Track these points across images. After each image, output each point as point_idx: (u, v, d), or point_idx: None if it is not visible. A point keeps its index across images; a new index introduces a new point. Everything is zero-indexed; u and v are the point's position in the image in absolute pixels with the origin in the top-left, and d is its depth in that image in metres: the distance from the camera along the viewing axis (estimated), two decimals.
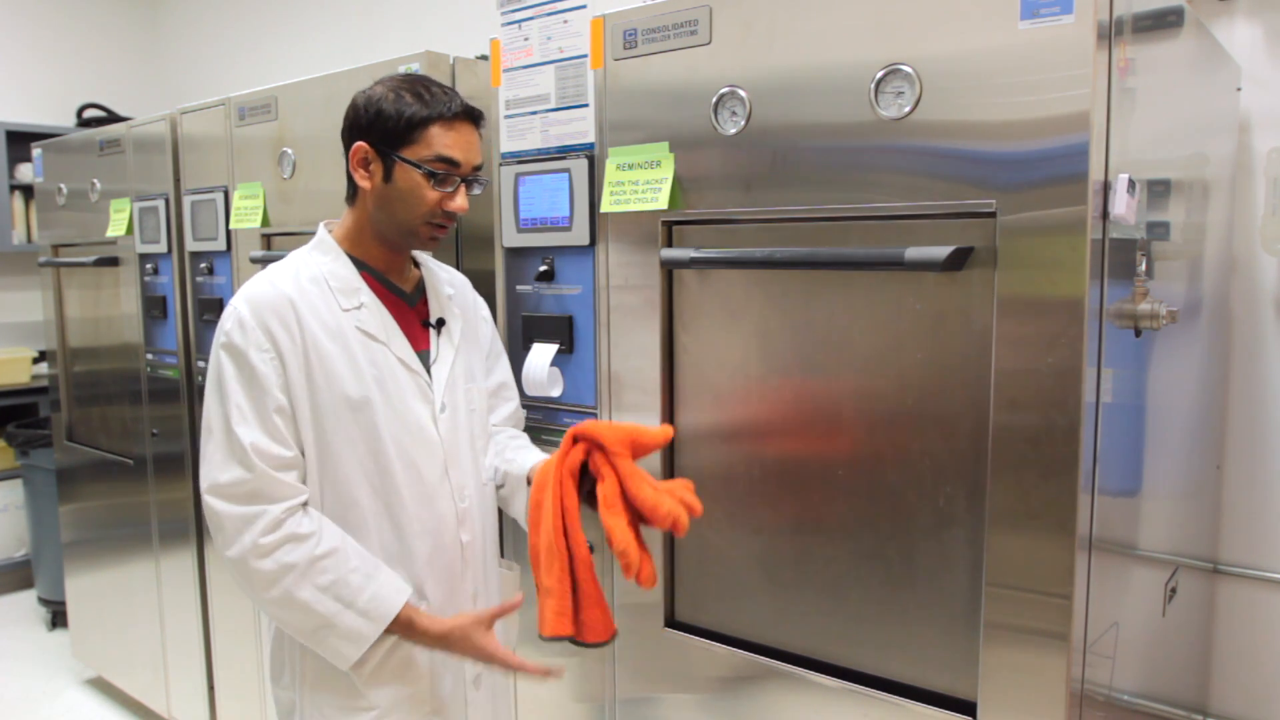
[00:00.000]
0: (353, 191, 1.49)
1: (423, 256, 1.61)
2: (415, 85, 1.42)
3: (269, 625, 1.52)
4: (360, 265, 1.48)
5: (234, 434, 1.35)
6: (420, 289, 1.55)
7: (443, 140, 1.40)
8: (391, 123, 1.40)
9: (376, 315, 1.46)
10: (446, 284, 1.60)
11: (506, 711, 1.69)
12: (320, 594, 1.35)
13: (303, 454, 1.40)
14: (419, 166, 1.39)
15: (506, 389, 1.69)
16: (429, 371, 1.50)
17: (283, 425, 1.37)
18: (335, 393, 1.40)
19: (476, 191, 1.47)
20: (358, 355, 1.42)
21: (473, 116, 1.44)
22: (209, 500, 1.37)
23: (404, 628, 1.40)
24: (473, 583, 1.54)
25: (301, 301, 1.41)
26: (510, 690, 1.69)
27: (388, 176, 1.42)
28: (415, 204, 1.41)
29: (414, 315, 1.52)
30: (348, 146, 1.45)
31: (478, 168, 1.46)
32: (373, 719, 1.43)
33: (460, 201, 1.43)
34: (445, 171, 1.40)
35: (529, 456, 1.60)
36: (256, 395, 1.37)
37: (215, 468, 1.36)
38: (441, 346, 1.53)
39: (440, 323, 1.54)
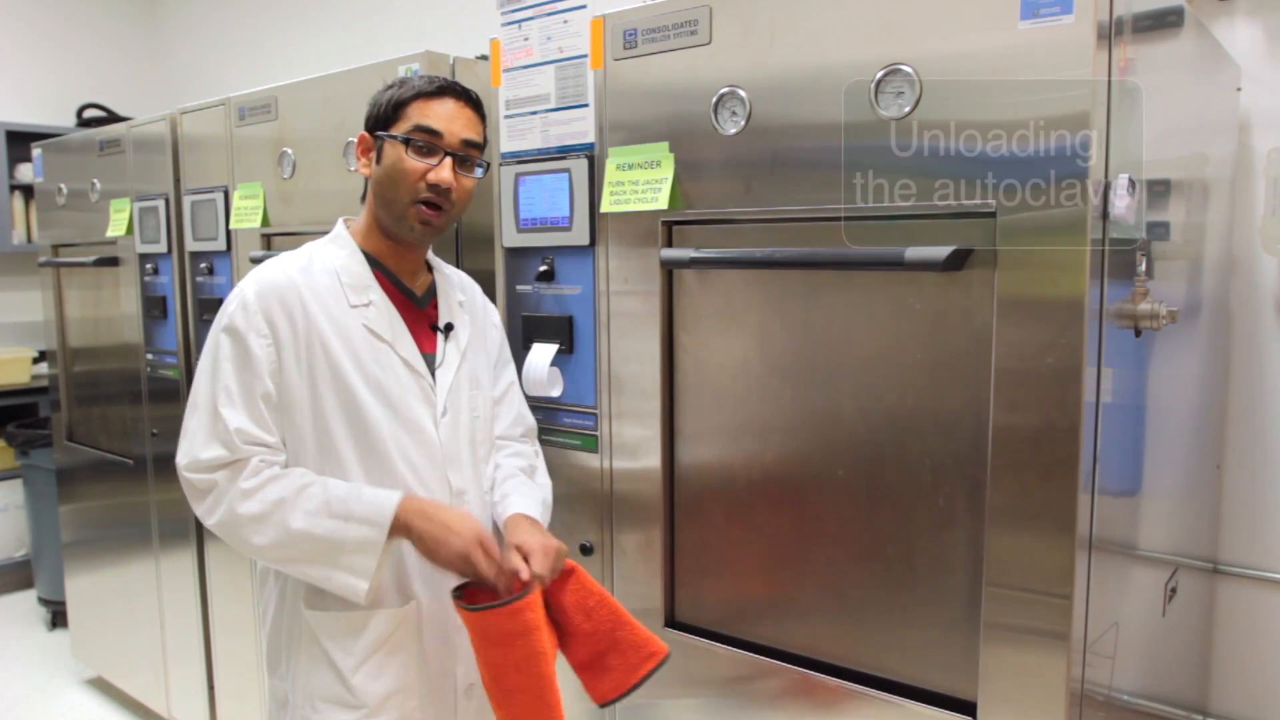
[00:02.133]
0: (365, 188, 1.51)
1: (437, 261, 1.61)
2: (411, 77, 1.47)
3: (266, 614, 1.51)
4: (374, 263, 1.49)
5: (220, 415, 1.36)
6: (431, 292, 1.56)
7: (421, 112, 1.43)
8: (382, 108, 1.45)
9: (384, 314, 1.46)
10: (459, 289, 1.60)
11: None
12: (314, 517, 1.35)
13: (284, 443, 1.41)
14: (397, 137, 1.42)
15: (509, 398, 1.68)
16: (433, 375, 1.50)
17: (267, 413, 1.39)
18: (337, 385, 1.40)
19: (478, 174, 1.48)
20: (362, 352, 1.42)
21: (456, 91, 1.46)
22: (187, 475, 1.38)
23: (404, 525, 1.37)
24: None
25: (310, 291, 1.41)
26: None
27: (379, 158, 1.45)
28: (400, 178, 1.42)
29: (423, 317, 1.53)
30: None
31: (472, 145, 1.46)
32: (361, 716, 1.43)
33: (444, 174, 1.42)
34: (425, 141, 1.42)
35: (512, 504, 1.54)
36: (247, 380, 1.38)
37: (197, 445, 1.37)
38: (448, 351, 1.53)
39: (449, 327, 1.54)
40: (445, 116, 1.43)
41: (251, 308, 1.38)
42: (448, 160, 1.43)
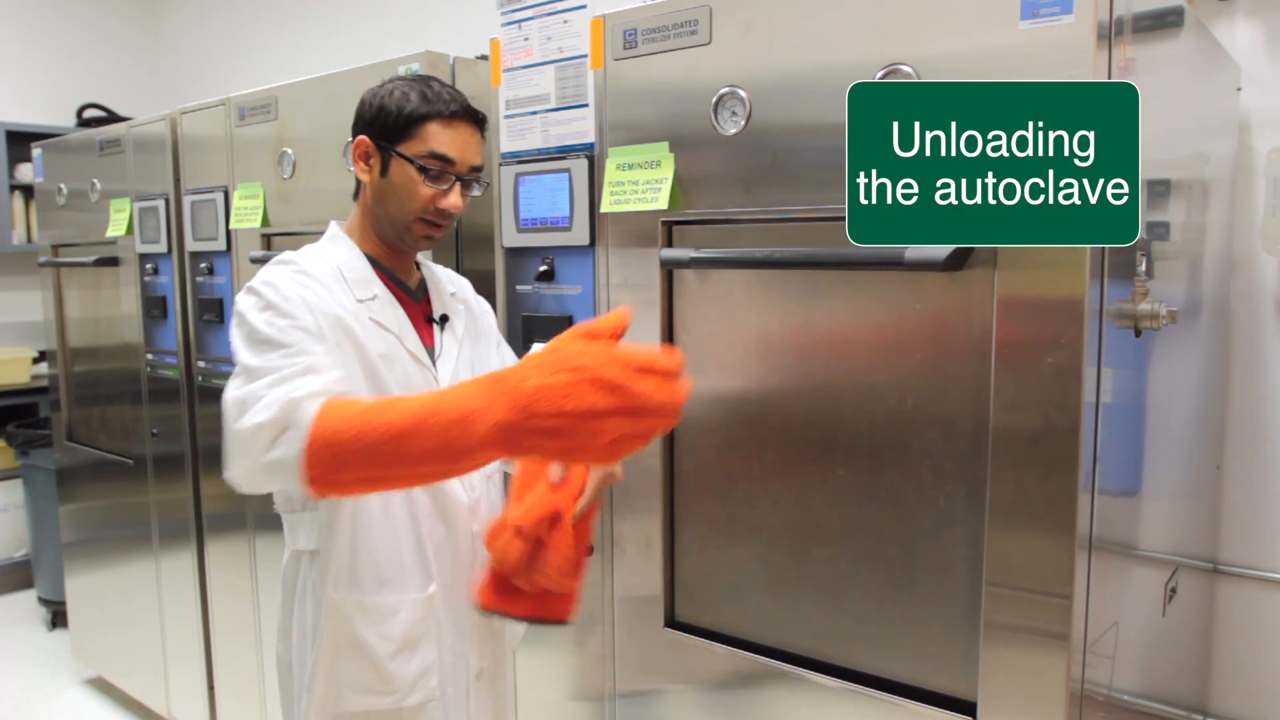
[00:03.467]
0: (358, 186, 1.50)
1: (422, 259, 1.62)
2: (421, 84, 1.44)
3: (300, 593, 1.49)
4: (369, 261, 1.49)
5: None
6: (423, 287, 1.56)
7: (439, 137, 1.41)
8: (392, 118, 1.42)
9: (389, 307, 1.47)
10: (448, 282, 1.61)
11: (509, 706, 1.69)
12: None
13: None
14: (413, 162, 1.40)
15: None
16: (435, 366, 1.50)
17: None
18: (364, 368, 1.40)
19: (476, 193, 1.48)
20: (374, 343, 1.42)
21: (473, 117, 1.45)
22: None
23: None
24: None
25: (321, 283, 1.41)
26: (512, 687, 1.69)
27: (384, 171, 1.43)
28: (408, 199, 1.42)
29: (419, 311, 1.54)
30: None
31: (476, 169, 1.46)
32: (394, 701, 1.43)
33: (453, 200, 1.43)
34: (439, 169, 1.41)
35: None
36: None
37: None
38: (445, 342, 1.54)
39: (444, 319, 1.55)
40: (460, 145, 1.42)
41: (290, 294, 1.33)
42: (458, 186, 1.43)
